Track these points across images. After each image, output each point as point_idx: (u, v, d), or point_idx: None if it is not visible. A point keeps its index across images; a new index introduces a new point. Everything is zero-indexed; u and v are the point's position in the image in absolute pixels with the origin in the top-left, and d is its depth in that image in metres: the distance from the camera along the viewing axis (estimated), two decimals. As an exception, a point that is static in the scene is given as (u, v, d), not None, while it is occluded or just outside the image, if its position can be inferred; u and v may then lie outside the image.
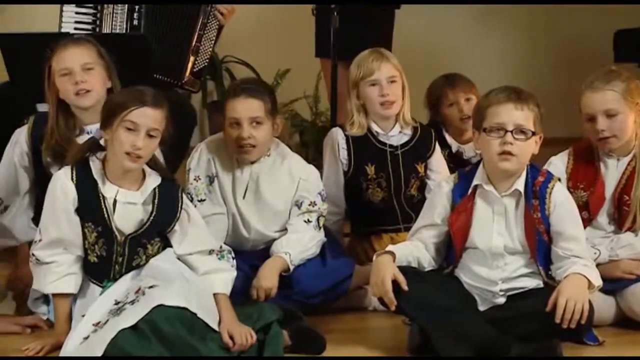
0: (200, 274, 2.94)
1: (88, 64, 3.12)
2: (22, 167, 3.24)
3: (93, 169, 2.91)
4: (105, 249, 2.91)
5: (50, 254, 2.91)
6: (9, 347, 2.90)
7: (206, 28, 3.91)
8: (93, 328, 2.74)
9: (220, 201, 3.26)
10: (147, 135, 2.85)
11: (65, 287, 2.91)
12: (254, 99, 3.18)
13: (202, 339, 2.74)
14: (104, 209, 2.88)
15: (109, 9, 3.78)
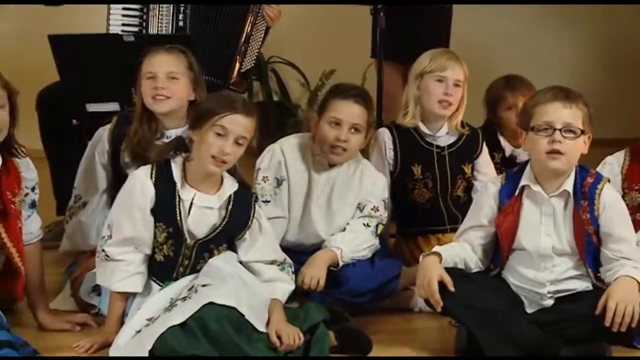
0: (264, 280, 2.97)
1: (173, 73, 3.16)
2: (101, 165, 3.29)
3: (174, 170, 2.92)
4: (173, 250, 2.93)
5: (121, 252, 2.92)
6: (60, 344, 2.93)
7: (254, 29, 3.92)
8: (146, 322, 2.78)
9: (284, 205, 3.26)
10: (236, 143, 2.86)
11: (131, 286, 2.93)
12: (360, 106, 3.20)
13: (248, 339, 2.75)
14: (179, 211, 2.90)
15: (155, 9, 3.81)
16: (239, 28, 3.88)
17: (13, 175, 2.86)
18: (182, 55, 3.22)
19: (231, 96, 2.96)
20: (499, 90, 3.76)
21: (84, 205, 3.31)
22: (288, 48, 5.37)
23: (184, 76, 3.19)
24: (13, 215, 2.85)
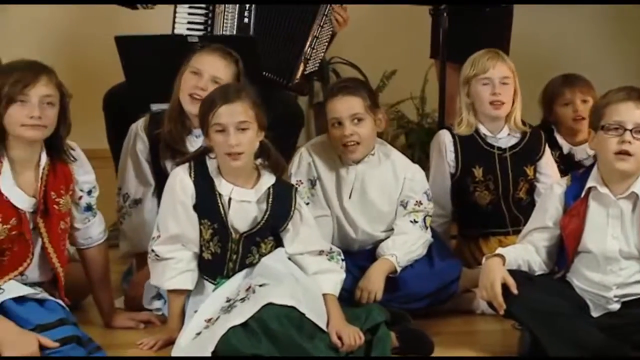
0: (310, 273, 2.97)
1: (217, 79, 3.17)
2: (145, 160, 3.31)
3: (209, 167, 2.96)
4: (219, 247, 2.96)
5: (169, 250, 2.96)
6: (125, 341, 2.98)
7: (322, 32, 3.93)
8: (205, 324, 2.80)
9: (323, 204, 3.27)
10: (238, 130, 2.87)
11: (183, 283, 2.96)
12: (352, 96, 3.19)
13: (310, 338, 2.76)
14: (220, 206, 2.93)
15: (220, 8, 3.83)
16: (306, 30, 3.87)
17: (60, 176, 2.88)
18: (233, 64, 3.23)
19: (213, 92, 2.98)
20: (556, 86, 3.75)
21: (135, 203, 3.32)
22: (349, 48, 5.35)
23: (232, 80, 3.20)
24: (56, 216, 2.86)
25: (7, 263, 2.81)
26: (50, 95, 2.77)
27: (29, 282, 2.85)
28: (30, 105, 2.74)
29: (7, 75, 2.74)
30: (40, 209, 2.83)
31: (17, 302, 2.76)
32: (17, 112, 2.74)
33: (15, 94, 2.73)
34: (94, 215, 3.04)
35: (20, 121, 2.74)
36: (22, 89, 2.73)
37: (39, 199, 2.82)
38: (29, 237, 2.82)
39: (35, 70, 2.77)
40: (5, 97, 2.73)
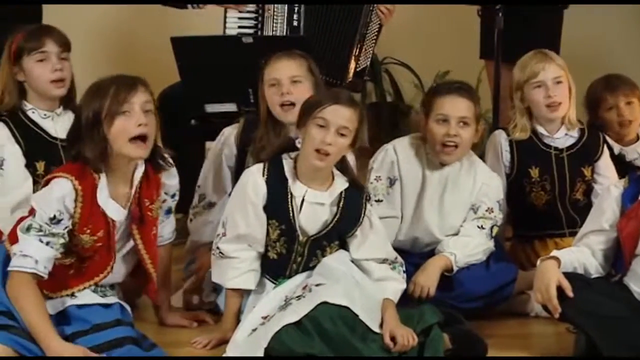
0: (374, 279, 2.97)
1: (296, 77, 3.19)
2: (227, 167, 3.34)
3: (285, 167, 2.95)
4: (285, 247, 2.96)
5: (235, 249, 2.96)
6: (178, 339, 3.00)
7: (368, 27, 3.93)
8: (261, 321, 2.81)
9: (396, 205, 3.26)
10: (337, 133, 2.87)
11: (245, 283, 2.97)
12: (465, 99, 3.19)
13: (363, 339, 2.75)
14: (291, 207, 2.93)
15: (270, 10, 3.85)
16: (353, 27, 3.88)
17: (153, 182, 2.90)
18: (302, 59, 3.24)
19: (333, 90, 2.99)
20: (598, 91, 3.68)
21: (209, 206, 3.35)
22: (402, 49, 5.35)
23: (306, 79, 3.22)
24: (149, 222, 2.90)
25: (86, 271, 2.84)
26: (149, 101, 2.79)
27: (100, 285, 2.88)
28: (134, 115, 2.74)
29: (104, 92, 2.73)
30: (136, 217, 2.85)
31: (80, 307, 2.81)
32: (123, 123, 2.73)
33: (118, 106, 2.72)
34: (169, 217, 3.07)
35: (128, 133, 2.73)
36: (125, 98, 2.72)
37: (134, 208, 2.84)
38: (113, 250, 2.84)
39: (130, 80, 2.78)
40: (108, 113, 2.72)
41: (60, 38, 3.19)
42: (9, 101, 3.16)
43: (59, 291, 2.80)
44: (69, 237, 2.74)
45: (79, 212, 2.75)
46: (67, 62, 3.17)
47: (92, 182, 2.76)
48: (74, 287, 2.81)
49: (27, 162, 3.10)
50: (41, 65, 3.12)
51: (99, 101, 2.73)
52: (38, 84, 3.14)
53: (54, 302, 2.78)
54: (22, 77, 3.16)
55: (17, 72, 3.16)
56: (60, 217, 2.72)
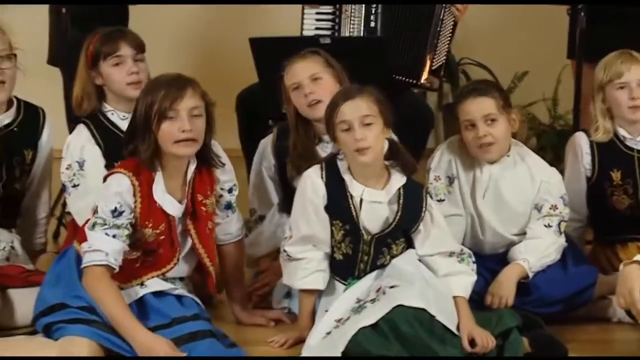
0: (441, 275, 2.95)
1: (315, 74, 3.19)
2: (270, 178, 3.36)
3: (340, 168, 2.97)
4: (351, 247, 2.96)
5: (300, 250, 2.98)
6: (255, 338, 3.01)
7: (442, 25, 3.90)
8: (335, 324, 2.81)
9: (459, 202, 3.24)
10: (363, 125, 2.87)
11: (314, 283, 2.98)
12: (484, 97, 3.15)
13: (441, 341, 2.74)
14: (352, 207, 2.93)
15: (347, 10, 3.85)
16: (427, 26, 3.86)
17: (206, 178, 2.95)
18: (316, 55, 3.24)
19: (336, 95, 2.98)
20: None
21: (260, 219, 3.38)
22: (480, 49, 5.30)
23: (325, 74, 3.21)
24: (203, 217, 2.94)
25: (152, 263, 2.90)
26: (197, 106, 2.82)
27: (170, 278, 2.94)
28: (180, 120, 2.79)
29: (155, 92, 2.80)
30: (189, 212, 2.90)
31: (156, 296, 2.86)
32: (168, 127, 2.79)
33: (164, 111, 2.78)
34: (233, 212, 3.10)
35: (172, 137, 2.79)
36: (170, 104, 2.78)
37: (187, 203, 2.89)
38: (177, 242, 2.90)
39: (180, 84, 2.82)
40: (156, 114, 2.79)
41: (134, 40, 3.23)
42: (89, 105, 3.21)
43: (129, 281, 2.86)
44: (132, 230, 2.81)
45: (139, 206, 2.82)
46: (142, 64, 3.21)
47: (148, 177, 2.83)
48: (143, 277, 2.87)
49: (107, 162, 3.15)
50: (117, 69, 3.17)
51: (149, 101, 2.80)
52: (115, 87, 3.19)
53: (127, 292, 2.84)
54: (100, 81, 3.22)
55: (95, 76, 3.21)
56: (121, 209, 2.78)
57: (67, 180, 3.15)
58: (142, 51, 3.24)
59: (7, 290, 3.03)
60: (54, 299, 2.79)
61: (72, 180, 3.15)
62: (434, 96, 5.25)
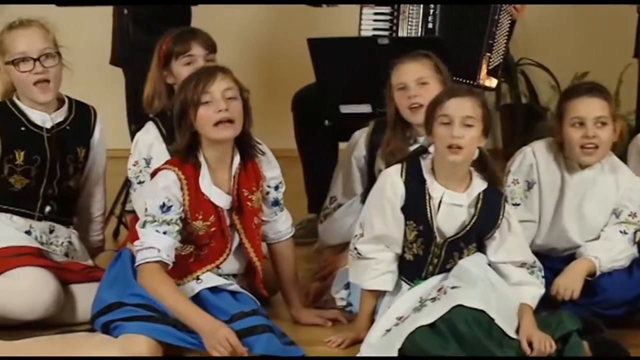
0: (512, 283, 2.92)
1: (423, 78, 3.18)
2: (358, 169, 3.36)
3: (423, 168, 2.94)
4: (422, 249, 2.94)
5: (372, 250, 2.96)
6: (312, 338, 3.01)
7: (498, 24, 3.86)
8: (396, 322, 2.80)
9: (534, 209, 3.19)
10: (463, 125, 2.85)
11: (382, 284, 2.96)
12: (599, 99, 3.10)
13: (499, 344, 2.71)
14: (429, 208, 2.91)
15: (405, 11, 3.84)
16: (483, 25, 3.82)
17: (251, 173, 2.96)
18: (426, 59, 3.23)
19: (444, 90, 2.98)
20: None
21: (339, 207, 3.38)
22: (538, 50, 5.25)
23: (432, 79, 3.20)
24: (249, 213, 2.95)
25: (205, 257, 2.93)
26: (229, 88, 2.86)
27: (224, 274, 2.96)
28: (215, 102, 2.83)
29: (188, 84, 2.86)
30: (235, 206, 2.93)
31: (213, 292, 2.88)
32: (205, 111, 2.83)
33: (198, 96, 2.83)
34: (281, 210, 3.11)
35: (210, 120, 2.83)
36: (203, 88, 2.83)
37: (233, 197, 2.92)
38: (227, 233, 2.93)
39: (209, 70, 2.89)
40: (191, 103, 2.83)
41: (206, 40, 3.26)
42: (159, 103, 3.25)
43: (184, 277, 2.89)
44: (183, 225, 2.83)
45: (187, 199, 2.85)
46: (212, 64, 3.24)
47: (193, 170, 2.87)
48: (197, 271, 2.90)
49: None
50: (188, 68, 3.19)
51: (183, 95, 2.85)
52: None
53: (184, 288, 2.86)
54: (171, 80, 3.25)
55: (166, 75, 3.25)
56: (169, 204, 2.82)
57: (133, 177, 3.20)
58: (214, 51, 3.27)
59: (70, 285, 3.10)
60: (111, 298, 2.83)
61: (138, 177, 3.19)
62: (492, 97, 5.21)
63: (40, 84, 3.10)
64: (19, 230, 3.14)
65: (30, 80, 3.09)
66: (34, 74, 3.08)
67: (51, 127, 3.17)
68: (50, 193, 3.18)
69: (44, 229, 3.19)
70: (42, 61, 3.09)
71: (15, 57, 3.08)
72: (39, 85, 3.10)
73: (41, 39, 3.11)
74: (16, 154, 3.12)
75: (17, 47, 3.09)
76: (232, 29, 5.12)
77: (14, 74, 3.11)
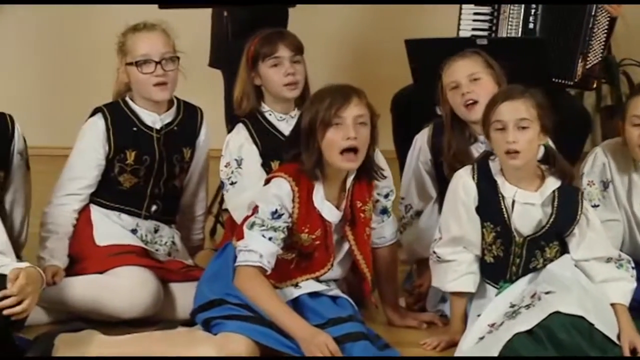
0: (597, 281, 2.87)
1: (474, 75, 3.16)
2: (427, 174, 3.34)
3: (492, 169, 2.93)
4: (502, 250, 2.92)
5: (451, 252, 2.96)
6: (407, 340, 3.01)
7: (595, 23, 3.78)
8: (488, 329, 2.78)
9: (614, 207, 3.14)
10: (518, 128, 2.83)
11: (464, 286, 2.96)
12: None
13: (602, 350, 2.67)
14: (504, 208, 2.89)
15: (506, 11, 3.79)
16: (579, 24, 3.74)
17: (364, 185, 2.95)
18: (476, 55, 3.21)
19: (497, 92, 2.96)
20: None
21: (417, 215, 3.36)
22: (642, 50, 5.12)
23: (485, 74, 3.17)
24: (361, 223, 2.95)
25: (306, 266, 2.93)
26: (362, 114, 2.83)
27: (324, 280, 2.96)
28: (345, 127, 2.80)
29: (320, 101, 2.83)
30: (348, 218, 2.92)
31: (311, 296, 2.90)
32: (333, 135, 2.80)
33: (330, 118, 2.80)
34: (388, 217, 3.10)
35: (337, 146, 2.80)
36: (336, 111, 2.80)
37: (346, 209, 2.91)
38: (332, 249, 2.93)
39: (345, 92, 2.84)
40: (321, 122, 2.81)
41: (293, 42, 3.27)
42: (247, 105, 3.28)
43: (283, 281, 2.90)
44: (288, 233, 2.84)
45: (297, 212, 2.84)
46: (299, 65, 3.25)
47: (308, 184, 2.85)
48: (297, 278, 2.91)
49: (263, 161, 3.21)
50: (275, 70, 3.22)
51: (314, 110, 2.81)
52: (272, 88, 3.24)
53: (282, 292, 2.88)
54: (259, 82, 3.28)
55: (254, 76, 3.28)
56: (281, 211, 2.82)
57: (225, 178, 3.23)
58: (300, 53, 3.28)
59: (169, 284, 3.16)
60: (212, 294, 2.86)
61: (230, 178, 3.22)
62: (592, 98, 5.10)
63: (159, 85, 3.17)
64: (126, 229, 3.22)
65: (150, 82, 3.17)
66: (154, 76, 3.16)
67: (160, 128, 3.24)
68: (156, 192, 3.25)
69: (150, 228, 3.26)
70: (163, 65, 3.17)
71: (137, 59, 3.16)
72: (157, 86, 3.17)
73: (163, 43, 3.19)
74: (127, 153, 3.20)
75: (140, 50, 3.17)
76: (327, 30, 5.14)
77: (134, 74, 3.19)
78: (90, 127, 3.21)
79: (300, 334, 2.73)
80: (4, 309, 2.59)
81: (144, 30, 3.20)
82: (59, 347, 2.76)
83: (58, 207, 3.19)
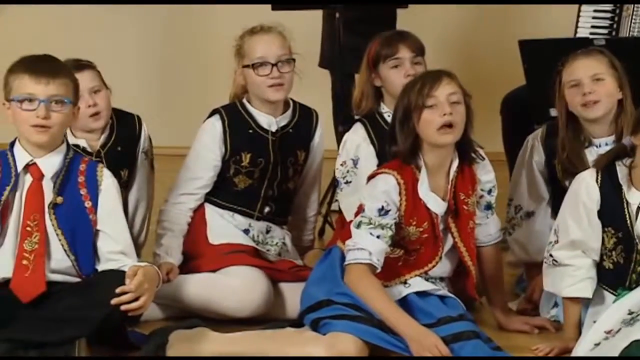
0: None
1: (598, 74, 3.09)
2: (539, 173, 3.29)
3: (619, 174, 2.87)
4: (622, 257, 2.86)
5: (568, 256, 2.92)
6: (518, 344, 2.97)
7: None
8: (605, 335, 2.72)
9: None
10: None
11: (581, 291, 2.90)
12: None
13: None
14: (627, 215, 2.83)
15: (629, 9, 3.69)
16: None
17: (467, 177, 2.96)
18: (601, 55, 3.13)
19: None
20: None
21: (527, 216, 3.31)
22: None
23: (608, 75, 3.09)
24: (465, 216, 2.95)
25: (414, 262, 2.94)
26: (454, 92, 2.86)
27: (432, 278, 2.97)
28: (439, 105, 2.84)
29: (412, 88, 2.89)
30: (451, 210, 2.93)
31: (420, 296, 2.90)
32: (429, 115, 2.85)
33: (423, 99, 2.84)
34: (492, 213, 3.09)
35: (434, 124, 2.84)
36: (429, 92, 2.84)
37: (449, 200, 2.93)
38: (440, 239, 2.94)
39: (435, 73, 2.90)
40: (415, 106, 2.85)
41: (414, 43, 3.28)
42: (366, 105, 3.29)
43: (392, 279, 2.91)
44: (396, 229, 2.85)
45: (404, 204, 2.87)
46: (420, 67, 3.25)
47: (412, 175, 2.88)
48: (406, 275, 2.92)
49: (379, 162, 3.20)
50: (395, 71, 3.23)
51: (407, 97, 2.86)
52: (392, 89, 3.23)
53: (391, 290, 2.89)
54: (378, 83, 3.29)
55: (374, 77, 3.29)
56: (387, 208, 2.84)
57: (340, 177, 3.25)
58: (421, 54, 3.29)
59: (279, 284, 3.19)
60: (320, 295, 2.89)
61: (345, 177, 3.24)
62: None
63: (274, 86, 3.22)
64: (239, 228, 3.27)
65: (266, 84, 3.21)
66: (270, 78, 3.20)
67: (276, 131, 3.28)
68: (270, 194, 3.30)
69: (262, 229, 3.31)
70: (279, 67, 3.21)
71: (254, 62, 3.21)
72: (272, 87, 3.22)
73: (279, 45, 3.23)
74: (242, 155, 3.25)
75: (257, 52, 3.22)
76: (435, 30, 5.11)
77: (250, 77, 3.24)
78: (208, 129, 3.27)
79: (409, 333, 2.74)
80: (121, 304, 2.67)
81: (261, 32, 3.25)
82: (173, 343, 2.82)
83: (174, 205, 3.26)
